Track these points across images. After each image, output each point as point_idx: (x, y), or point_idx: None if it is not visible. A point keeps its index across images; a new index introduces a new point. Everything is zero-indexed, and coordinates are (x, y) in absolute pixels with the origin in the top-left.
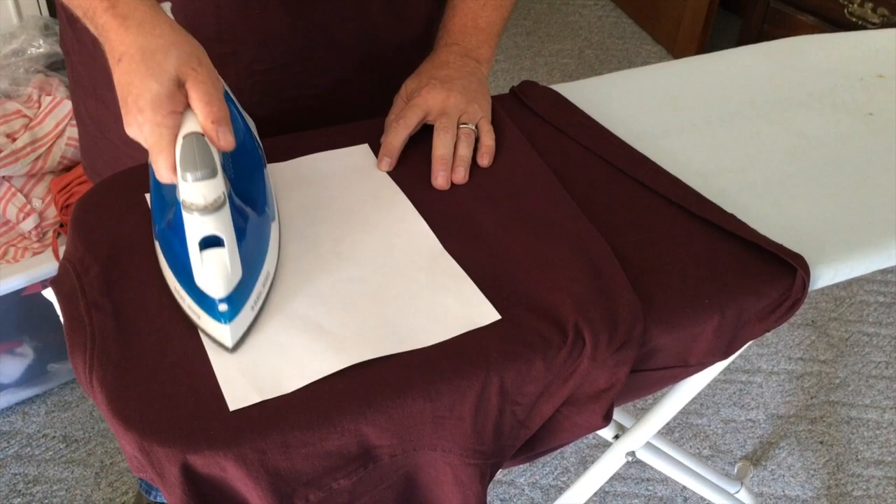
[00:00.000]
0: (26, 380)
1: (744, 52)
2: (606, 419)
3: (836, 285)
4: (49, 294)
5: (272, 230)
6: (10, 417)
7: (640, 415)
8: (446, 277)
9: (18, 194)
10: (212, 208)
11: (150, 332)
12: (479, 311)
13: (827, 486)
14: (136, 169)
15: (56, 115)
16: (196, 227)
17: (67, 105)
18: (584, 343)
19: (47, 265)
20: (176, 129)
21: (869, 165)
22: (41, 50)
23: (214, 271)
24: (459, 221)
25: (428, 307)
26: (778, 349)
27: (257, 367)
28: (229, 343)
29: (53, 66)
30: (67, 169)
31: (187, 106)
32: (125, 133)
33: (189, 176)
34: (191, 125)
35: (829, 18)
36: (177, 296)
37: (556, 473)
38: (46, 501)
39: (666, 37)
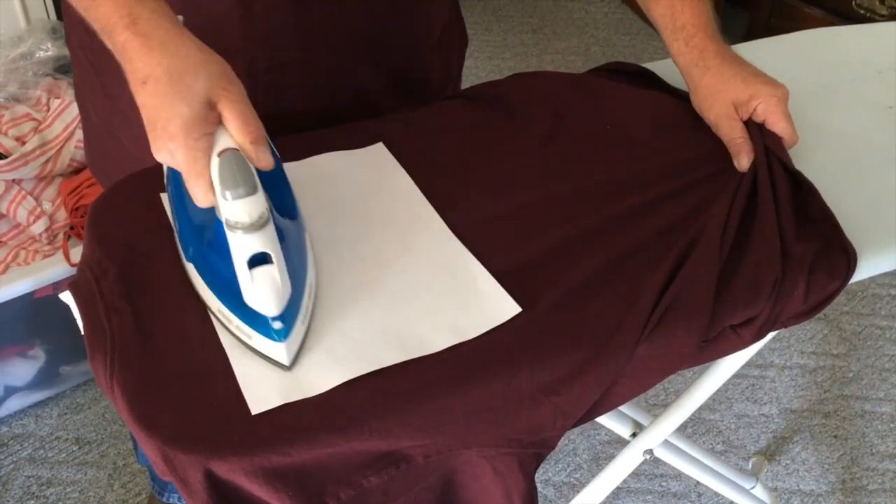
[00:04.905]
0: (38, 382)
1: (758, 46)
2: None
3: None
4: (66, 297)
5: (306, 240)
6: (23, 420)
7: (652, 410)
8: (466, 275)
9: (28, 197)
10: (257, 225)
11: (170, 336)
12: (500, 308)
13: (842, 481)
14: (151, 170)
15: (65, 117)
16: (243, 245)
17: (76, 108)
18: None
19: (58, 268)
20: (209, 150)
21: (890, 160)
22: (49, 53)
23: (266, 289)
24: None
25: (448, 308)
26: (790, 343)
27: (279, 370)
28: (286, 361)
29: (62, 69)
30: (77, 171)
31: (218, 124)
32: (133, 132)
33: (231, 194)
34: (224, 142)
35: (837, 11)
36: (220, 318)
37: (568, 470)
38: (60, 503)
39: None
